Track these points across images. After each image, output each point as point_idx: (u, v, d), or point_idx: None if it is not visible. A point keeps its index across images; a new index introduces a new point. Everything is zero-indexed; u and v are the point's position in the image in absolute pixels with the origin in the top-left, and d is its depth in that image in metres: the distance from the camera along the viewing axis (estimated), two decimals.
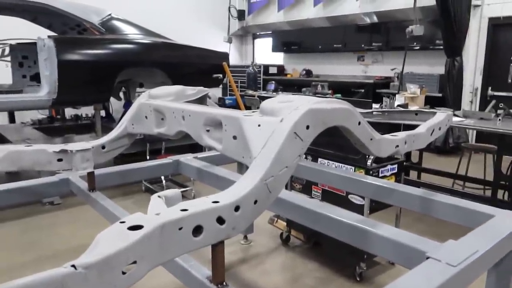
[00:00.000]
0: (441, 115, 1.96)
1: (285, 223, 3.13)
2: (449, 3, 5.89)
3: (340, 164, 2.61)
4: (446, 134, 6.05)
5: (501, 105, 3.76)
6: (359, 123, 1.43)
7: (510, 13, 6.23)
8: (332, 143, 2.61)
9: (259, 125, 1.29)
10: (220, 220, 1.02)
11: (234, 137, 1.37)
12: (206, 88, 2.00)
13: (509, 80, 6.39)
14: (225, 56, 5.49)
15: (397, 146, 1.63)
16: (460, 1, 6.17)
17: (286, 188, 3.04)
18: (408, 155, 4.38)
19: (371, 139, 1.50)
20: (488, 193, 3.87)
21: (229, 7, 10.07)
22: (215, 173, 2.09)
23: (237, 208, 1.06)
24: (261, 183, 1.13)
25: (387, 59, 7.92)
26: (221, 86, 8.15)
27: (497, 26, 6.46)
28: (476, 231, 1.39)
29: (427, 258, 1.19)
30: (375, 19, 7.90)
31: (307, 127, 1.23)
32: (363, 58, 8.48)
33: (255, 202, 1.12)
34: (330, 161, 2.67)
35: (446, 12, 5.96)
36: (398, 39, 7.27)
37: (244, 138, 1.31)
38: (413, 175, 4.44)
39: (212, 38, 9.52)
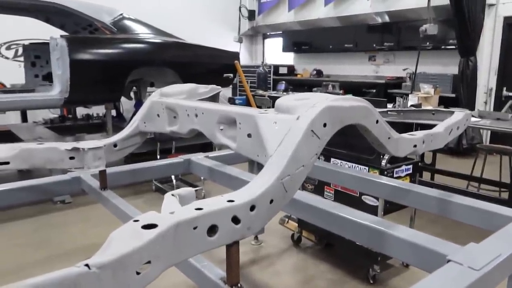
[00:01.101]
0: (459, 114, 1.91)
1: (296, 224, 3.10)
2: (463, 2, 5.80)
3: (354, 164, 2.57)
4: (460, 135, 5.96)
5: None
6: (377, 121, 1.39)
7: None
8: (345, 143, 2.57)
9: (275, 123, 1.25)
10: (236, 220, 0.99)
11: (249, 135, 1.34)
12: (218, 86, 1.98)
13: None
14: (235, 56, 5.47)
15: (415, 145, 1.59)
16: (475, 0, 6.07)
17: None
18: (421, 156, 4.31)
19: (389, 138, 1.46)
20: (504, 195, 3.79)
21: (240, 7, 10.07)
22: (227, 173, 2.06)
23: (252, 208, 1.03)
24: (278, 182, 1.10)
25: (399, 59, 7.83)
26: (231, 86, 8.16)
27: None
28: (498, 234, 1.34)
29: (448, 261, 1.14)
30: (386, 18, 7.82)
31: (324, 125, 1.20)
32: (375, 58, 8.40)
33: (271, 201, 1.09)
34: (343, 161, 2.63)
35: (460, 11, 5.87)
36: (410, 39, 7.18)
37: (259, 136, 1.28)
38: (426, 176, 4.37)
39: (222, 38, 9.52)
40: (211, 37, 8.48)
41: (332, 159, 2.69)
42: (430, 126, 1.78)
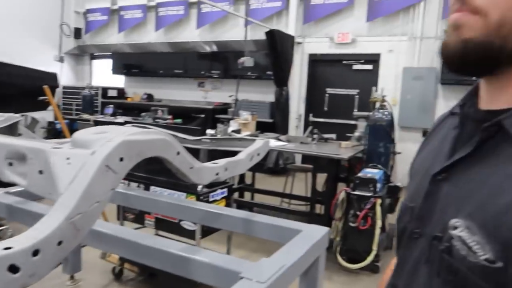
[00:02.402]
0: (259, 142, 2.16)
1: (118, 256, 2.98)
2: (276, 39, 6.62)
3: (173, 191, 2.63)
4: (277, 156, 6.69)
5: (315, 130, 4.36)
6: (178, 153, 1.47)
7: (324, 51, 7.34)
8: (164, 170, 2.62)
9: (68, 158, 1.21)
10: (13, 269, 0.92)
11: (40, 172, 1.25)
12: (16, 115, 1.80)
13: (325, 108, 7.48)
14: (53, 76, 5.03)
15: (218, 173, 1.74)
16: (286, 38, 7.00)
17: (118, 219, 2.91)
18: (242, 177, 4.69)
19: (191, 168, 1.56)
20: (309, 208, 4.40)
21: (61, 25, 9.29)
22: (31, 210, 1.87)
23: (36, 253, 0.96)
24: (67, 222, 1.05)
25: (226, 86, 8.40)
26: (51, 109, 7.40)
27: (315, 61, 7.52)
28: (286, 247, 1.55)
29: (241, 278, 1.28)
30: (214, 48, 8.33)
31: (121, 159, 1.21)
32: (204, 85, 8.82)
33: (60, 243, 1.04)
34: (163, 189, 2.67)
35: (274, 47, 6.67)
36: (235, 68, 7.79)
37: (51, 172, 1.21)
38: (248, 196, 4.75)
39: (42, 56, 8.61)
40: (30, 55, 7.60)
41: (152, 187, 2.71)
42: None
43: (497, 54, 0.54)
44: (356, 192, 3.25)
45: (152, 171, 2.75)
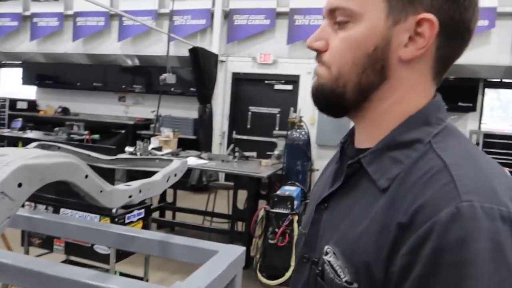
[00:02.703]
0: (176, 162, 2.14)
1: None
2: (199, 56, 6.64)
3: (85, 214, 2.50)
4: (200, 174, 6.66)
5: (236, 148, 4.43)
6: (87, 176, 1.42)
7: (247, 70, 7.52)
8: (75, 192, 2.48)
9: None
10: None
11: None
12: None
13: (248, 126, 7.63)
14: None
15: (131, 196, 1.69)
16: (210, 56, 7.06)
17: (23, 245, 2.68)
18: (163, 195, 4.58)
19: (101, 191, 1.51)
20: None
21: None
22: None
23: None
24: None
25: (148, 101, 8.21)
26: None
27: (238, 80, 7.67)
28: (201, 268, 1.56)
29: None
30: (137, 62, 8.13)
31: (20, 185, 1.14)
32: (125, 99, 8.53)
33: None
34: (74, 211, 2.52)
35: (197, 64, 6.69)
36: (158, 84, 7.64)
37: None
38: (168, 215, 4.65)
39: None
40: None
41: (62, 210, 2.54)
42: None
43: (340, 99, 0.65)
44: (275, 210, 3.35)
45: (62, 192, 2.60)
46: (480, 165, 0.56)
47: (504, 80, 6.55)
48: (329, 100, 0.66)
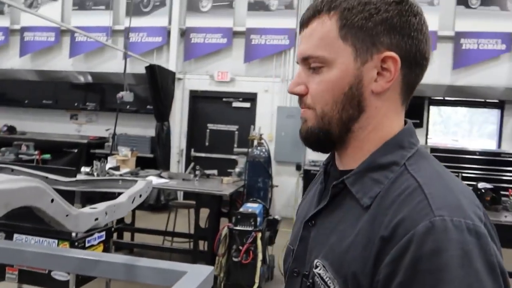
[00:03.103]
0: (141, 183, 2.10)
1: None
2: (156, 74, 6.58)
3: (42, 239, 2.37)
4: (159, 193, 6.51)
5: (197, 167, 4.39)
6: (52, 200, 1.36)
7: (205, 88, 7.54)
8: (30, 215, 2.35)
9: None
10: None
11: None
12: None
13: (207, 143, 7.60)
14: None
15: (97, 218, 1.64)
16: (167, 73, 7.01)
17: None
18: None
19: (67, 215, 1.45)
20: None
21: None
22: None
23: None
24: None
25: (102, 119, 7.96)
26: None
27: (196, 97, 7.66)
28: None
29: None
30: (89, 79, 7.89)
31: None
32: (77, 117, 8.22)
33: None
34: (29, 236, 2.39)
35: (154, 81, 6.62)
36: (113, 101, 7.45)
37: None
38: (127, 236, 4.50)
39: None
40: None
41: (15, 236, 2.40)
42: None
43: (328, 134, 0.72)
44: (238, 227, 3.34)
45: (15, 216, 2.46)
46: (447, 183, 0.64)
47: (446, 98, 7.02)
48: (319, 139, 0.73)
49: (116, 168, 4.14)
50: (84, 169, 3.94)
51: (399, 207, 0.61)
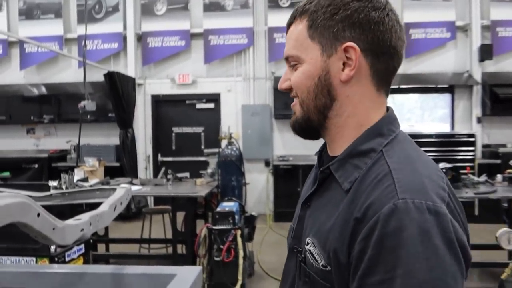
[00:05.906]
0: (121, 190, 2.07)
1: None
2: (116, 80, 6.43)
3: (18, 258, 2.29)
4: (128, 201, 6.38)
5: (169, 171, 4.36)
6: (39, 214, 1.34)
7: (167, 92, 7.46)
8: (4, 234, 2.27)
9: None
10: None
11: None
12: None
13: (173, 147, 7.53)
14: None
15: (83, 229, 1.61)
16: (126, 79, 6.87)
17: None
18: None
19: (53, 228, 1.43)
20: (171, 250, 4.32)
21: None
22: None
23: None
24: None
25: (61, 131, 7.69)
26: None
27: (158, 102, 7.56)
28: None
29: None
30: (44, 90, 7.59)
31: None
32: (34, 131, 7.90)
33: None
34: (4, 257, 2.30)
35: (114, 89, 6.46)
36: (71, 112, 7.23)
37: None
38: (101, 248, 4.40)
39: None
40: None
41: None
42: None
43: (308, 121, 0.82)
44: (217, 227, 3.36)
45: None
46: (416, 167, 0.72)
47: (401, 86, 7.34)
48: (302, 126, 0.83)
49: (85, 180, 4.03)
50: (52, 183, 3.80)
51: (371, 191, 0.69)
